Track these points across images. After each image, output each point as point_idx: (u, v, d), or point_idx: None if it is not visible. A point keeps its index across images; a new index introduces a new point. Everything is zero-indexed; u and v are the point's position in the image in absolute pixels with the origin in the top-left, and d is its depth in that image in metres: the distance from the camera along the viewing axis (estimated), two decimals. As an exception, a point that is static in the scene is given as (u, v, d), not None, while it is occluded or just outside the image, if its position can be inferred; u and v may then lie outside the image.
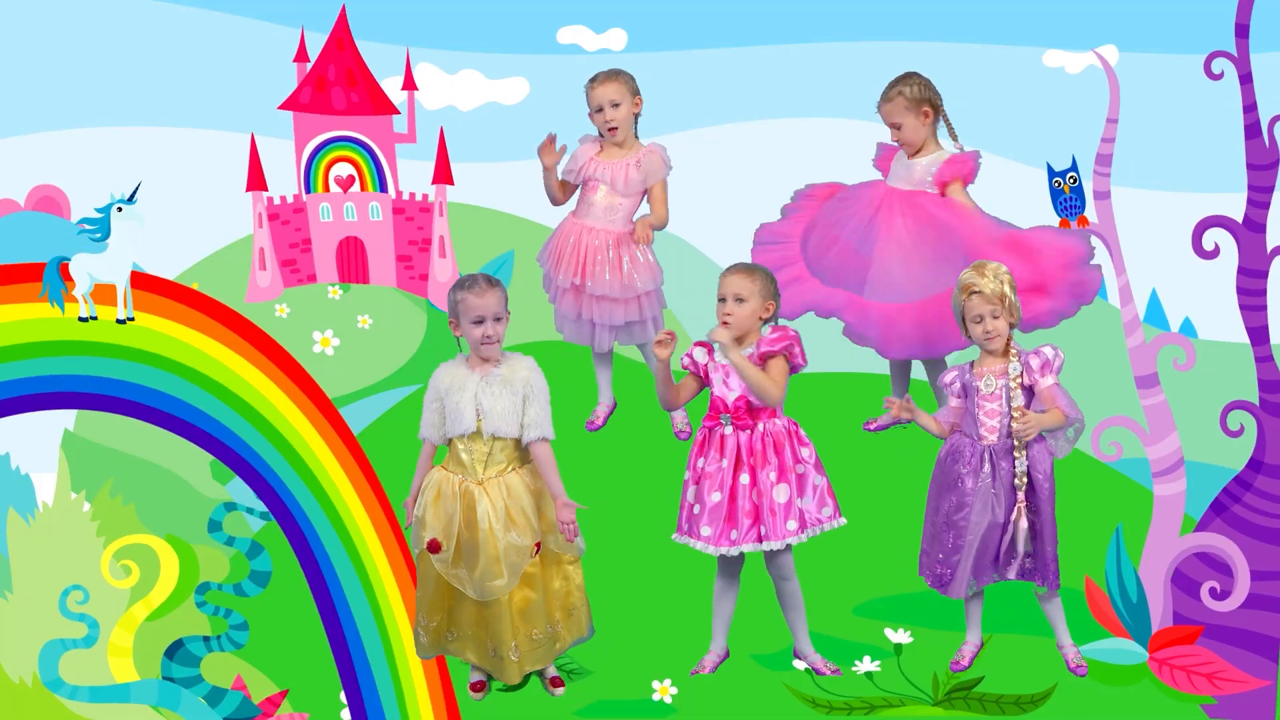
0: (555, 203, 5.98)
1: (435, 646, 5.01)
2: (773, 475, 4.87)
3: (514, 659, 4.91)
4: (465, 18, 7.12)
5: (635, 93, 5.87)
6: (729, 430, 4.92)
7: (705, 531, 4.89)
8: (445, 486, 4.87)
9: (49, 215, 5.51)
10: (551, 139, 5.85)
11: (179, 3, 7.14)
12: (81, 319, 4.95)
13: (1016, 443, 4.85)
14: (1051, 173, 5.22)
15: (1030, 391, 4.87)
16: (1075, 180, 5.20)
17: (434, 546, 4.85)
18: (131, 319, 4.99)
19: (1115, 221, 5.21)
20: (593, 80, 5.87)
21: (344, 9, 7.04)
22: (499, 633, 4.89)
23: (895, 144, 5.80)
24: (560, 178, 5.92)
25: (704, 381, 5.01)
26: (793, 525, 4.86)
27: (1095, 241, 5.29)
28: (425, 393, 4.93)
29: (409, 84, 7.08)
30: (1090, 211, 5.23)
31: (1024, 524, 4.86)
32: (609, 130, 5.86)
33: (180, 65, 7.05)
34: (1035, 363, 4.85)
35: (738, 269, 4.96)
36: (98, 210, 4.96)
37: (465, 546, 4.83)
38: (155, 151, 6.94)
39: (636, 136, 5.92)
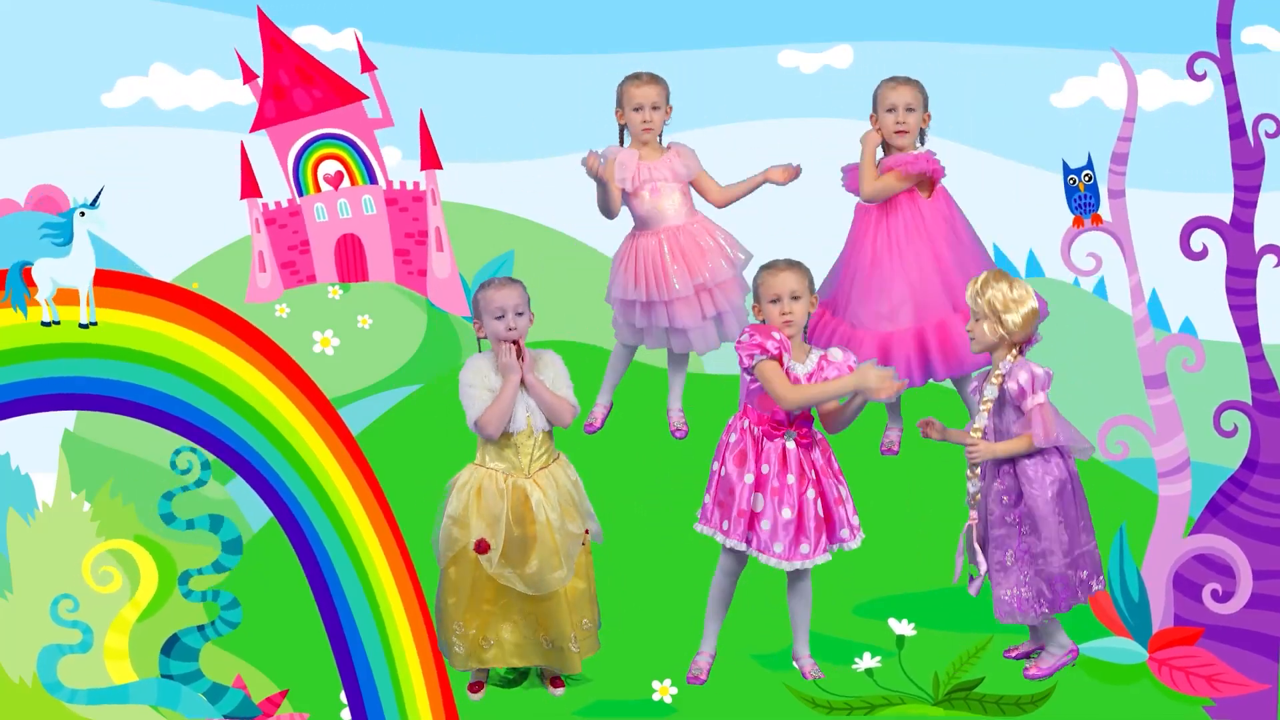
0: (614, 214, 5.85)
1: (473, 658, 4.99)
2: (835, 482, 4.95)
3: (574, 650, 4.93)
4: (202, 16, 7.10)
5: (669, 100, 5.83)
6: (792, 445, 4.90)
7: (778, 548, 4.87)
8: (488, 484, 4.87)
9: (49, 215, 5.49)
10: (595, 156, 5.77)
11: (181, 3, 7.13)
12: (44, 323, 4.93)
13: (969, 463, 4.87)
14: (1067, 170, 5.22)
15: (1018, 409, 4.87)
16: (1090, 178, 5.20)
17: (482, 547, 4.84)
18: (94, 323, 4.97)
19: (1129, 221, 5.21)
20: (635, 79, 5.79)
21: (259, 9, 6.96)
22: (557, 625, 4.90)
23: (885, 137, 5.74)
24: (618, 184, 5.81)
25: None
26: (856, 520, 4.96)
27: (1107, 240, 5.27)
28: (467, 378, 4.88)
29: (366, 65, 7.02)
30: (1105, 209, 5.24)
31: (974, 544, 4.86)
32: (644, 130, 5.79)
33: (181, 65, 7.05)
34: (1012, 387, 4.83)
35: (784, 265, 4.90)
36: (60, 215, 4.95)
37: (515, 543, 4.84)
38: (155, 152, 6.94)
39: (660, 143, 5.88)
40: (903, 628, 5.09)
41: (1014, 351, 4.86)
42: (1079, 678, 5.05)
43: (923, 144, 5.76)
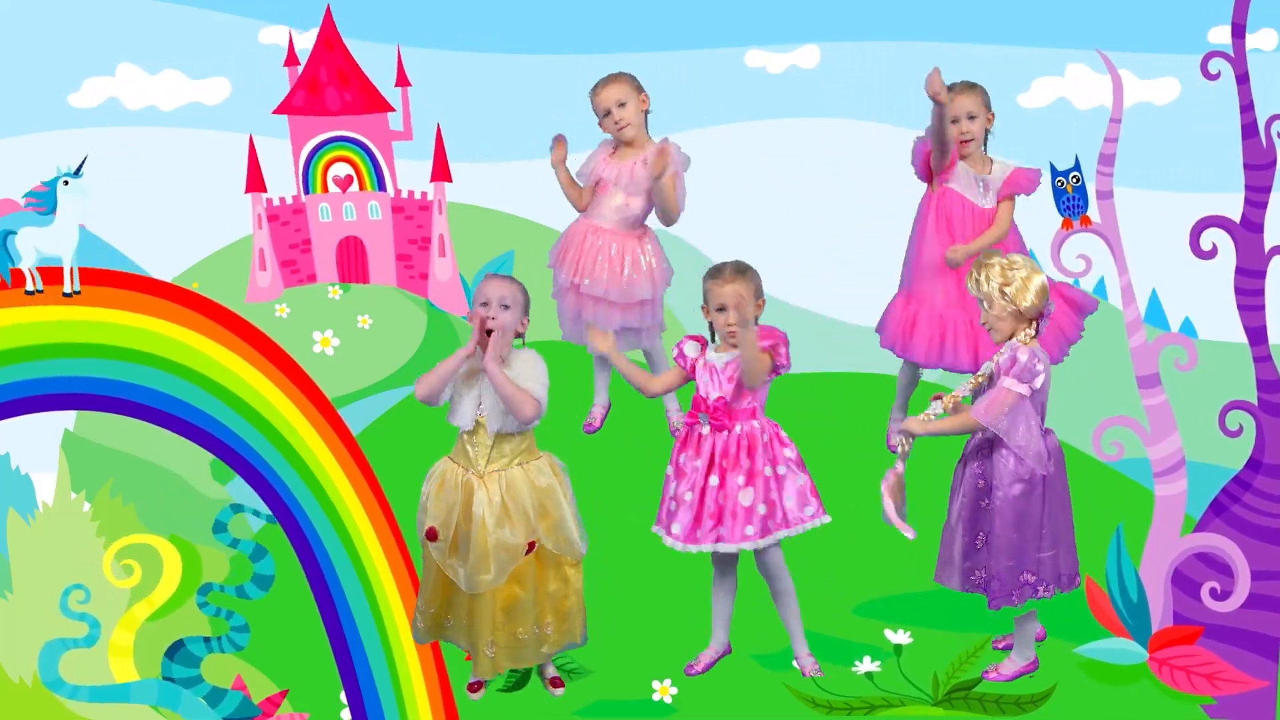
0: (577, 207, 5.91)
1: (432, 633, 5.03)
2: (740, 479, 4.89)
3: (489, 655, 4.91)
4: (167, 18, 7.12)
5: (639, 90, 5.81)
6: (706, 430, 4.93)
7: (675, 529, 4.94)
8: (449, 477, 4.90)
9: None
10: (560, 140, 5.83)
11: (182, 3, 7.14)
12: (28, 292, 4.92)
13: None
14: (1055, 172, 5.22)
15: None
16: (1078, 180, 5.20)
17: (431, 535, 4.87)
18: (78, 292, 4.95)
19: (1118, 221, 5.22)
20: (595, 87, 5.80)
21: (329, 9, 7.02)
22: (476, 626, 4.90)
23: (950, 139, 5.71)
24: (578, 181, 5.88)
25: (690, 377, 5.00)
26: (750, 530, 4.88)
27: (1097, 241, 5.27)
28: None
29: (401, 80, 7.05)
30: (1093, 211, 5.24)
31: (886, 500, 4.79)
32: (619, 130, 5.81)
33: (181, 65, 7.06)
34: (1002, 359, 4.77)
35: (731, 275, 4.90)
36: (44, 184, 4.94)
37: (461, 538, 4.85)
38: (156, 152, 6.95)
39: (649, 135, 5.88)
40: (899, 637, 5.09)
41: (1028, 330, 4.78)
42: (1079, 678, 5.05)
43: (987, 145, 5.70)
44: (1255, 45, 6.20)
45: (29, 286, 4.91)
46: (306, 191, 7.11)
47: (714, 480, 4.91)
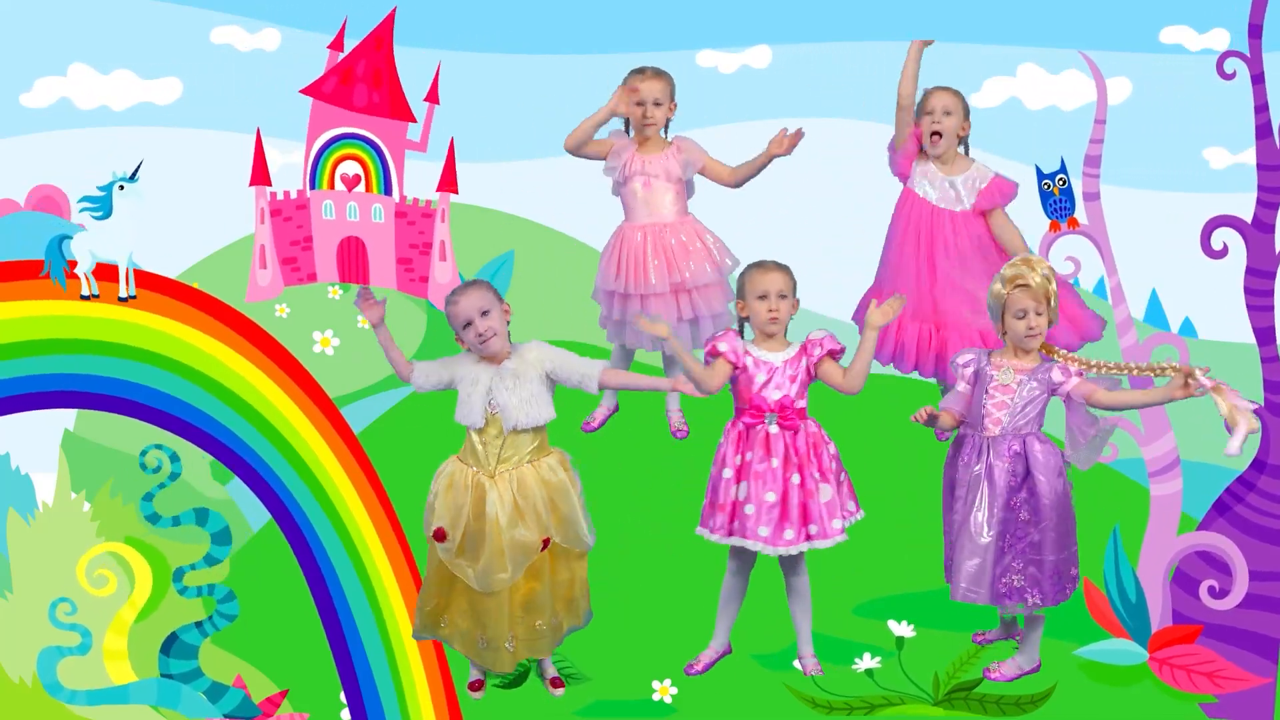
0: (572, 143, 5.84)
1: (427, 629, 5.03)
2: (817, 474, 4.91)
3: (509, 649, 4.92)
4: (119, 16, 7.10)
5: (673, 97, 5.85)
6: (774, 429, 4.92)
7: (763, 532, 4.89)
8: (458, 477, 4.91)
9: (49, 215, 5.49)
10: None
11: (183, 3, 7.13)
12: (84, 297, 4.93)
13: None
14: (1040, 175, 5.22)
15: (1050, 396, 4.84)
16: (1064, 182, 5.21)
17: (439, 535, 4.88)
18: (133, 296, 4.97)
19: (1105, 222, 5.21)
20: (641, 73, 5.81)
21: (394, 10, 7.00)
22: (495, 624, 4.90)
23: (923, 141, 5.72)
24: (604, 174, 5.87)
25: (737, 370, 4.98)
26: (837, 524, 4.92)
27: (1085, 243, 5.26)
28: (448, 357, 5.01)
29: (432, 96, 7.05)
30: (1080, 213, 5.24)
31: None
32: (645, 125, 5.82)
33: (182, 64, 7.05)
34: (1059, 374, 4.81)
35: (774, 266, 4.98)
36: (100, 188, 4.95)
37: (471, 538, 4.86)
38: (156, 151, 6.92)
39: (664, 137, 5.89)
40: (902, 629, 5.09)
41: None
42: (1079, 678, 5.05)
43: (966, 153, 5.73)
44: (1178, 41, 6.23)
45: (85, 291, 4.93)
46: (313, 185, 7.09)
47: (795, 479, 4.90)
